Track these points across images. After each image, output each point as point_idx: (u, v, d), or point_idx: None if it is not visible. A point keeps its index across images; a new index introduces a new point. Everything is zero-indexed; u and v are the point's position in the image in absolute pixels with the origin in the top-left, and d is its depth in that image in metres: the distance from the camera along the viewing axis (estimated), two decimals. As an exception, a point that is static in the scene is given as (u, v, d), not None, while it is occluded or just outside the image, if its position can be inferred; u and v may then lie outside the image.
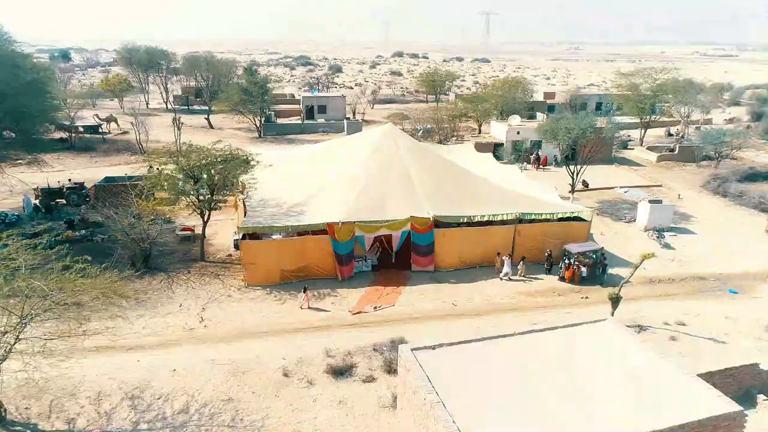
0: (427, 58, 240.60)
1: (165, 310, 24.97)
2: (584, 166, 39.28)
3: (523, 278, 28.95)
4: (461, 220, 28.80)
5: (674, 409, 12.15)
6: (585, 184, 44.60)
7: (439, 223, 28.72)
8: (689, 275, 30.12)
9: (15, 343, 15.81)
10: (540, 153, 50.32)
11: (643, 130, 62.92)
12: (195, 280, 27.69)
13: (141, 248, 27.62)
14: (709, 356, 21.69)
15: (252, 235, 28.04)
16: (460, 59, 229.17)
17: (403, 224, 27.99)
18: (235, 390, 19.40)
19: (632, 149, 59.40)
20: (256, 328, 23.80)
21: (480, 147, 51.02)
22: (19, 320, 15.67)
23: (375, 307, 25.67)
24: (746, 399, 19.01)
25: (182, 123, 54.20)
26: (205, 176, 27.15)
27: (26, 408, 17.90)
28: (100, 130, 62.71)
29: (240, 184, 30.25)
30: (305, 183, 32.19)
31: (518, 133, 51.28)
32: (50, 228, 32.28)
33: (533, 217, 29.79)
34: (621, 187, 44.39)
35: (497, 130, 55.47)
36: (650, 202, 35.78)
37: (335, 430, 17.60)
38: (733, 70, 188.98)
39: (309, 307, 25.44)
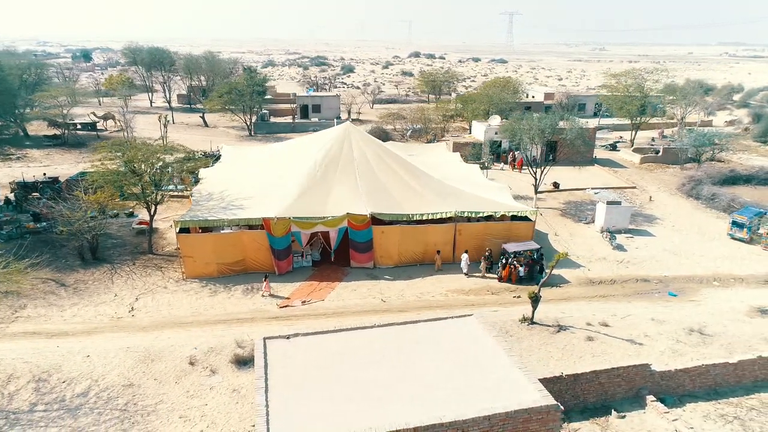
0: (444, 58, 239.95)
1: (99, 300, 25.92)
2: (548, 167, 39.13)
3: (485, 276, 29.22)
4: (398, 218, 29.06)
5: (489, 400, 12.36)
6: (556, 185, 44.37)
7: (378, 220, 29.08)
8: (632, 277, 29.81)
9: None
10: (517, 154, 50.04)
11: (633, 132, 62.03)
12: (137, 271, 28.60)
13: (87, 240, 28.64)
14: (619, 357, 21.58)
15: (205, 228, 28.97)
16: (476, 60, 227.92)
17: (340, 221, 28.40)
18: (139, 376, 20.12)
19: (618, 151, 58.64)
20: (182, 319, 24.55)
21: (457, 147, 51.34)
22: None
23: (303, 302, 26.19)
24: (637, 399, 18.97)
25: (168, 121, 55.67)
26: (146, 170, 28.01)
27: (-66, 387, 18.90)
28: (98, 127, 64.62)
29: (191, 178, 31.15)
30: (258, 179, 32.97)
31: (496, 133, 51.12)
32: (16, 220, 33.88)
33: (470, 215, 29.85)
34: (592, 189, 43.94)
35: (477, 131, 55.41)
36: (608, 203, 35.40)
37: (220, 416, 18.17)
38: (757, 71, 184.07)
39: (270, 295, 26.45)
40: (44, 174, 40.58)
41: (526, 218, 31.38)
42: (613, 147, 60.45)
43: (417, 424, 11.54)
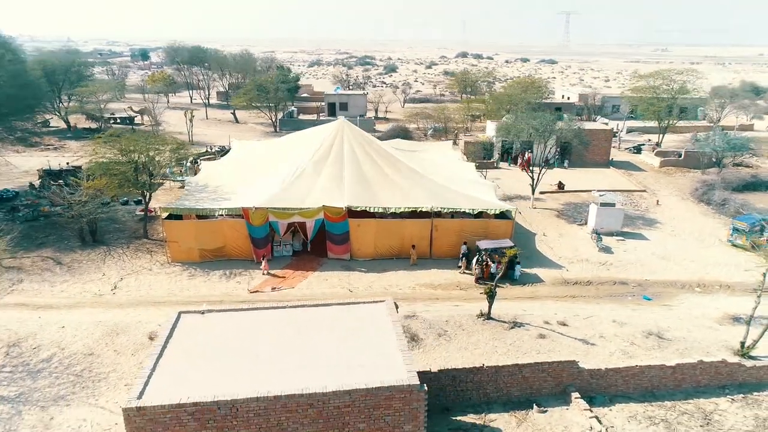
0: (492, 59, 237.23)
1: (88, 278, 28.00)
2: (545, 168, 38.83)
3: (464, 273, 29.47)
4: (373, 211, 29.74)
5: (360, 377, 12.99)
6: (561, 185, 43.80)
7: (357, 213, 29.87)
8: (610, 279, 29.31)
9: None
10: (528, 154, 49.52)
11: (660, 135, 60.00)
12: (129, 254, 30.61)
13: (87, 223, 30.89)
14: (566, 355, 21.41)
15: (201, 216, 30.63)
16: (525, 60, 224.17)
17: (316, 213, 29.38)
18: (101, 347, 21.82)
19: (641, 153, 56.91)
20: (157, 299, 26.22)
21: (468, 146, 51.52)
22: None
23: (273, 288, 27.35)
24: (563, 396, 18.98)
25: (194, 116, 58.45)
26: (139, 159, 30.00)
27: None
28: (135, 122, 68.52)
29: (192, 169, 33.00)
30: (252, 171, 34.47)
31: (508, 132, 50.74)
32: (37, 204, 36.77)
33: (450, 210, 30.18)
34: (597, 191, 43.03)
35: (491, 130, 55.20)
36: (601, 205, 34.81)
37: (161, 387, 19.52)
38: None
39: (268, 273, 28.40)
40: (67, 163, 43.71)
41: (505, 216, 31.43)
42: (638, 150, 58.68)
43: (278, 393, 12.35)
